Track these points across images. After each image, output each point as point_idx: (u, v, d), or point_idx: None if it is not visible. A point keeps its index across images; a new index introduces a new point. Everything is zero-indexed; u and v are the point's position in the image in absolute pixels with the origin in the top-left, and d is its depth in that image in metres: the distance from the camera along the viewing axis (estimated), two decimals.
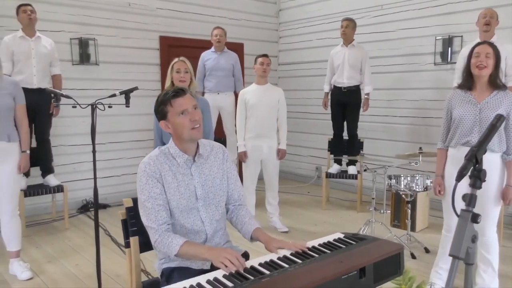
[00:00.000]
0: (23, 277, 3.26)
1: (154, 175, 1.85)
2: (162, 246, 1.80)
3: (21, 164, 3.24)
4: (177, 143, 1.92)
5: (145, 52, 5.67)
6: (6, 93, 3.12)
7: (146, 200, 1.84)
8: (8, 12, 4.62)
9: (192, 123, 1.85)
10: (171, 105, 1.85)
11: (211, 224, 1.94)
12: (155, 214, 1.83)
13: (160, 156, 1.90)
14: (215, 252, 1.69)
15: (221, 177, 1.99)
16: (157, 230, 1.81)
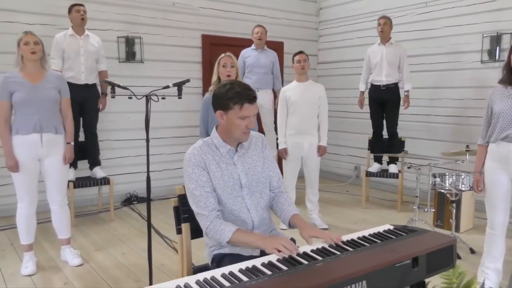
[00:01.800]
0: (74, 263, 3.41)
1: (199, 164, 1.92)
2: (214, 233, 1.85)
3: (66, 155, 3.37)
4: (222, 134, 1.98)
5: (187, 50, 5.80)
6: (52, 87, 3.27)
7: (194, 189, 1.90)
8: (58, 11, 4.85)
9: (247, 129, 1.91)
10: (241, 107, 1.88)
11: (257, 212, 1.98)
12: (204, 201, 1.88)
13: (204, 147, 1.97)
14: (267, 240, 1.73)
15: (262, 164, 2.05)
16: (208, 216, 1.87)
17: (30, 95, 3.14)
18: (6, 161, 3.16)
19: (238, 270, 1.48)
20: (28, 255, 3.35)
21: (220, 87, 1.95)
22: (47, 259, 3.53)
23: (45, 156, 3.26)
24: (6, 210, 4.67)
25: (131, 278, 3.22)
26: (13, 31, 4.65)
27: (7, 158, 3.15)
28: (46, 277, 3.22)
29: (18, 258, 3.58)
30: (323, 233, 1.78)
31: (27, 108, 3.15)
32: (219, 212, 1.91)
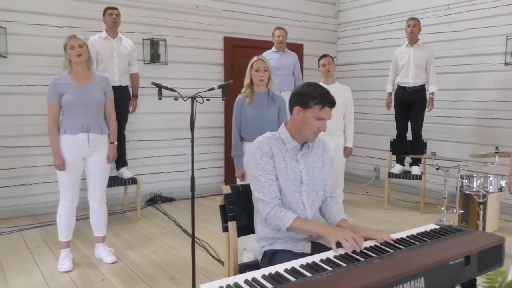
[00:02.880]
0: (109, 261, 3.49)
1: (267, 153, 1.99)
2: (274, 219, 1.91)
3: (110, 154, 3.48)
4: (291, 130, 2.04)
5: (209, 52, 5.88)
6: (98, 89, 3.38)
7: (260, 175, 1.96)
8: (85, 14, 4.95)
9: (318, 130, 1.98)
10: (321, 108, 1.94)
11: (311, 209, 2.04)
12: (268, 188, 1.95)
13: (272, 138, 2.04)
14: (330, 229, 1.80)
15: (320, 167, 2.11)
16: (270, 203, 1.94)
17: (78, 97, 3.24)
18: (54, 159, 3.26)
19: (299, 265, 1.54)
20: (65, 252, 3.43)
21: (304, 86, 2.02)
22: (81, 257, 3.61)
23: (90, 155, 3.36)
24: (35, 209, 4.78)
25: (165, 275, 3.29)
26: (43, 33, 4.79)
27: (55, 156, 3.25)
28: (83, 274, 3.30)
29: (52, 254, 3.68)
30: (373, 234, 1.82)
31: (75, 109, 3.25)
32: (280, 200, 1.97)
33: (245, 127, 3.34)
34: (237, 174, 3.40)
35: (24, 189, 4.72)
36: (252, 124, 3.31)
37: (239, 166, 3.39)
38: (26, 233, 4.21)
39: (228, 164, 6.08)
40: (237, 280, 1.42)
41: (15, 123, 4.67)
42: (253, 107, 3.33)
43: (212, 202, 5.50)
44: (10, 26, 4.58)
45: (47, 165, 4.74)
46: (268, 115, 3.34)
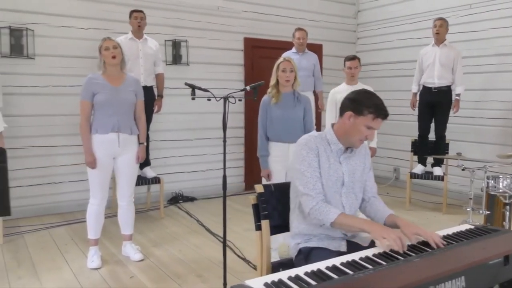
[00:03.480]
0: (136, 258, 3.55)
1: (314, 150, 2.02)
2: (318, 213, 1.94)
3: (140, 154, 3.54)
4: (338, 133, 2.06)
5: (230, 53, 5.92)
6: (131, 90, 3.45)
7: (305, 170, 2.00)
8: (110, 16, 5.04)
9: (365, 138, 2.00)
10: (374, 118, 1.94)
11: (350, 211, 2.07)
12: (313, 183, 1.98)
13: (318, 138, 2.07)
14: (375, 226, 1.83)
15: (361, 170, 2.13)
16: (315, 197, 1.96)
17: (110, 97, 3.31)
18: (85, 157, 3.34)
19: (340, 263, 1.57)
20: (93, 249, 3.50)
21: (361, 92, 2.04)
22: (108, 254, 3.68)
23: (120, 154, 3.43)
24: (61, 207, 4.88)
25: (192, 273, 3.33)
26: (68, 35, 4.88)
27: (87, 154, 3.33)
28: (112, 271, 3.37)
29: (80, 252, 3.75)
30: (424, 230, 1.82)
31: (107, 109, 3.32)
32: (324, 197, 2.00)
33: (271, 127, 3.37)
34: (263, 174, 3.43)
35: (51, 188, 4.82)
36: (278, 124, 3.34)
37: (264, 166, 3.42)
38: (53, 230, 4.30)
39: (248, 164, 6.13)
40: (281, 277, 1.45)
41: (42, 123, 4.77)
42: (279, 108, 3.36)
43: (233, 201, 5.54)
44: (37, 28, 4.68)
45: (73, 164, 4.85)
46: (294, 115, 3.37)
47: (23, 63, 4.62)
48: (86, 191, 4.74)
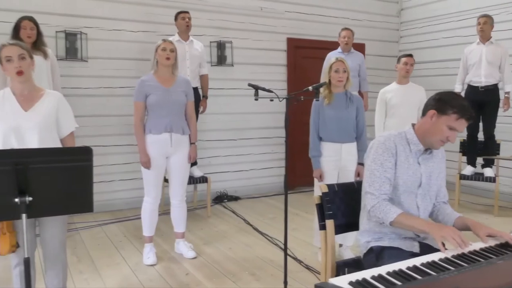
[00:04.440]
0: (189, 256, 3.63)
1: (391, 150, 2.01)
2: (379, 212, 1.94)
3: (191, 154, 3.62)
4: (419, 133, 2.04)
5: (273, 53, 5.95)
6: (182, 91, 3.53)
7: (376, 169, 2.00)
8: (158, 18, 5.16)
9: (446, 140, 1.97)
10: (457, 119, 1.92)
11: (424, 213, 2.06)
12: (379, 184, 1.98)
13: (398, 137, 2.06)
14: (435, 227, 1.80)
15: (437, 173, 2.12)
16: (377, 197, 1.97)
17: (163, 98, 3.40)
18: (140, 157, 3.45)
19: (420, 264, 1.56)
20: (149, 246, 3.61)
21: (446, 92, 2.03)
22: (162, 251, 3.77)
23: (172, 154, 3.51)
24: (112, 205, 5.03)
25: (245, 271, 3.38)
26: (119, 38, 5.03)
27: (142, 154, 3.43)
28: (167, 267, 3.46)
29: (134, 248, 3.87)
30: (497, 231, 1.80)
31: (160, 110, 3.41)
32: (388, 197, 2.00)
33: (324, 127, 3.38)
34: (315, 174, 3.44)
35: (103, 186, 4.97)
36: (331, 124, 3.34)
37: (316, 166, 3.42)
38: (106, 227, 4.45)
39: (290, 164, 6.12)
40: (364, 276, 1.46)
41: (94, 124, 4.93)
42: (331, 108, 3.36)
43: (276, 201, 5.58)
44: (90, 32, 4.85)
45: (124, 163, 5.00)
46: (347, 115, 3.36)
47: (78, 66, 4.80)
48: (136, 189, 4.93)
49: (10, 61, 2.23)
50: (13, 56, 2.24)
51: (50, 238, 2.31)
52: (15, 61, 2.23)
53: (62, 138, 2.40)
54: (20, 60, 2.25)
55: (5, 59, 2.24)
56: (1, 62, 2.27)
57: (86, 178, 1.76)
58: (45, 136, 2.26)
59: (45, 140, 2.24)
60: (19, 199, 1.67)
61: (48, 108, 2.33)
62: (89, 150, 1.75)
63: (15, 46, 2.27)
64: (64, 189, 1.74)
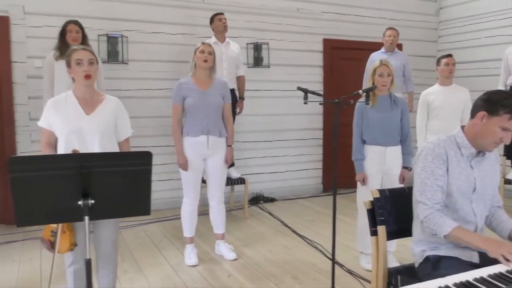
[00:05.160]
0: (230, 257, 3.65)
1: (441, 156, 1.96)
2: (432, 224, 1.90)
3: (228, 156, 3.63)
4: (470, 135, 1.99)
5: (309, 54, 5.92)
6: (218, 93, 3.54)
7: (426, 178, 1.95)
8: (197, 21, 5.20)
9: (500, 141, 1.92)
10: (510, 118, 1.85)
11: (481, 219, 2.00)
12: (431, 193, 1.93)
13: (447, 141, 2.01)
14: (492, 244, 1.74)
15: (491, 176, 2.06)
16: (430, 207, 1.92)
17: (200, 101, 3.43)
18: (178, 159, 3.49)
19: (487, 275, 1.52)
20: (190, 247, 3.65)
21: (496, 92, 1.98)
22: (202, 252, 3.80)
23: (209, 156, 3.54)
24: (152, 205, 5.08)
25: (287, 274, 3.37)
26: (158, 41, 5.11)
27: (179, 156, 3.47)
28: (208, 268, 3.48)
29: (175, 249, 3.92)
30: None
31: (197, 113, 3.44)
32: (441, 207, 1.95)
33: (368, 130, 3.33)
34: (358, 178, 3.39)
35: None
36: (376, 127, 3.29)
37: (360, 169, 3.38)
38: (147, 227, 4.52)
39: (326, 166, 6.09)
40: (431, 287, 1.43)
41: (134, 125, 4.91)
42: (375, 110, 3.31)
43: (313, 203, 5.55)
44: (130, 35, 4.94)
45: (162, 164, 5.06)
46: (392, 118, 3.30)
47: (119, 68, 4.90)
48: (174, 190, 4.99)
49: (80, 65, 2.31)
50: (84, 60, 2.32)
51: (104, 238, 2.37)
52: (85, 65, 2.31)
53: (118, 142, 2.46)
54: (89, 65, 2.33)
55: (75, 62, 2.32)
56: (70, 65, 2.34)
57: (145, 182, 1.80)
58: (105, 140, 2.32)
59: (105, 144, 2.31)
60: (83, 201, 1.71)
61: (109, 113, 2.40)
62: (149, 154, 1.78)
63: (86, 51, 2.36)
64: (124, 192, 1.78)
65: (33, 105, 4.57)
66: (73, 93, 2.38)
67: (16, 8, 4.48)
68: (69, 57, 2.34)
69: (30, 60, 4.57)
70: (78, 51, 2.34)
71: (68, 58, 2.34)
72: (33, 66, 4.57)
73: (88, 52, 2.36)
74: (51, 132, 2.35)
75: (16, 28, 4.50)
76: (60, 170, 1.63)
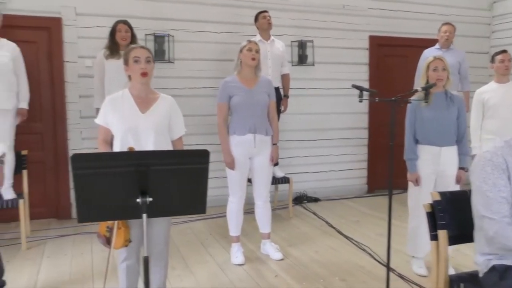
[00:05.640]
0: (276, 257, 3.61)
1: (500, 166, 1.85)
2: (503, 238, 1.79)
3: (274, 155, 3.60)
4: None
5: (355, 52, 5.79)
6: (264, 91, 3.52)
7: (488, 190, 1.84)
8: (242, 19, 5.20)
9: None
10: None
11: None
12: (496, 206, 1.82)
13: (505, 148, 1.90)
14: None
15: None
16: (498, 221, 1.81)
17: (246, 99, 3.41)
18: (224, 157, 3.48)
19: None
20: (236, 246, 3.64)
21: None
22: (248, 251, 3.78)
23: (256, 155, 3.52)
24: None
25: (335, 276, 3.30)
26: (203, 39, 5.13)
27: (226, 155, 3.47)
28: (255, 268, 3.46)
29: (221, 247, 3.93)
30: None
31: (243, 111, 3.42)
32: (510, 220, 1.84)
33: (422, 129, 3.20)
34: (410, 178, 3.27)
35: None
36: (430, 126, 3.16)
37: (412, 169, 3.25)
38: (192, 224, 4.56)
39: (371, 166, 5.95)
40: None
41: None
42: (430, 109, 3.17)
43: (357, 203, 5.43)
44: (176, 34, 4.99)
45: None
46: (447, 116, 3.16)
47: (165, 67, 4.96)
48: (218, 188, 5.00)
49: (137, 62, 2.35)
50: (141, 58, 2.36)
51: (157, 235, 2.39)
52: (142, 63, 2.35)
53: (172, 141, 2.48)
54: (146, 63, 2.36)
55: (133, 60, 2.35)
56: (127, 62, 2.38)
57: (202, 181, 1.78)
58: (159, 138, 2.34)
59: (159, 142, 2.33)
60: (141, 199, 1.72)
61: (163, 111, 2.42)
62: (207, 153, 1.77)
63: (144, 49, 2.40)
64: (181, 191, 1.78)
65: (84, 104, 4.71)
66: (129, 91, 2.42)
67: (68, 9, 4.62)
68: (127, 55, 2.37)
69: (81, 59, 4.70)
70: (136, 49, 2.37)
71: (126, 55, 2.38)
72: (84, 65, 4.70)
73: (146, 50, 2.39)
74: (108, 129, 2.40)
75: (68, 29, 4.64)
76: (120, 168, 1.64)
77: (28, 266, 3.50)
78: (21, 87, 4.13)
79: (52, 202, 4.74)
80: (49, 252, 3.80)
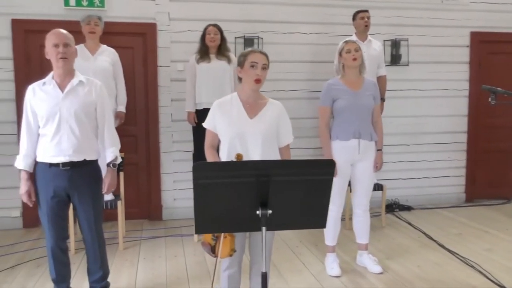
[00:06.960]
0: (375, 270, 3.39)
1: None
2: None
3: (378, 161, 3.38)
4: None
5: (453, 50, 5.37)
6: (369, 94, 3.31)
7: None
8: (335, 19, 5.01)
9: None
10: None
11: None
12: None
13: None
14: None
15: None
16: None
17: (351, 103, 3.24)
18: None
19: None
20: (332, 256, 3.47)
21: None
22: (343, 262, 3.57)
23: (358, 161, 3.33)
24: None
25: None
26: (292, 41, 5.02)
27: None
28: (353, 281, 3.27)
29: (313, 255, 3.78)
30: None
31: (348, 115, 3.25)
32: None
33: None
34: None
35: None
36: None
37: None
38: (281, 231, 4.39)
39: (470, 173, 5.48)
40: None
41: None
42: None
43: (456, 214, 5.02)
44: (265, 36, 4.92)
45: None
46: None
47: None
48: None
49: (253, 67, 2.29)
50: (259, 63, 2.30)
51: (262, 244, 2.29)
52: (258, 69, 2.28)
53: (279, 148, 2.38)
54: (262, 70, 2.29)
55: (250, 64, 2.30)
56: (243, 65, 2.32)
57: (325, 192, 1.65)
58: (267, 145, 2.26)
59: (266, 149, 2.24)
60: (261, 211, 1.63)
61: (271, 117, 2.33)
62: (333, 163, 1.63)
63: (263, 55, 2.34)
64: (302, 203, 1.66)
65: (175, 107, 4.79)
66: (238, 95, 2.35)
67: (162, 15, 4.73)
68: (244, 57, 2.31)
69: (173, 64, 4.78)
70: (255, 53, 2.31)
71: (243, 58, 2.32)
72: (176, 69, 4.78)
73: (264, 57, 2.32)
74: (215, 134, 2.35)
75: (162, 34, 4.74)
76: (241, 178, 1.56)
77: (126, 267, 3.59)
78: (119, 91, 4.29)
79: (144, 203, 4.87)
80: (144, 253, 3.88)
